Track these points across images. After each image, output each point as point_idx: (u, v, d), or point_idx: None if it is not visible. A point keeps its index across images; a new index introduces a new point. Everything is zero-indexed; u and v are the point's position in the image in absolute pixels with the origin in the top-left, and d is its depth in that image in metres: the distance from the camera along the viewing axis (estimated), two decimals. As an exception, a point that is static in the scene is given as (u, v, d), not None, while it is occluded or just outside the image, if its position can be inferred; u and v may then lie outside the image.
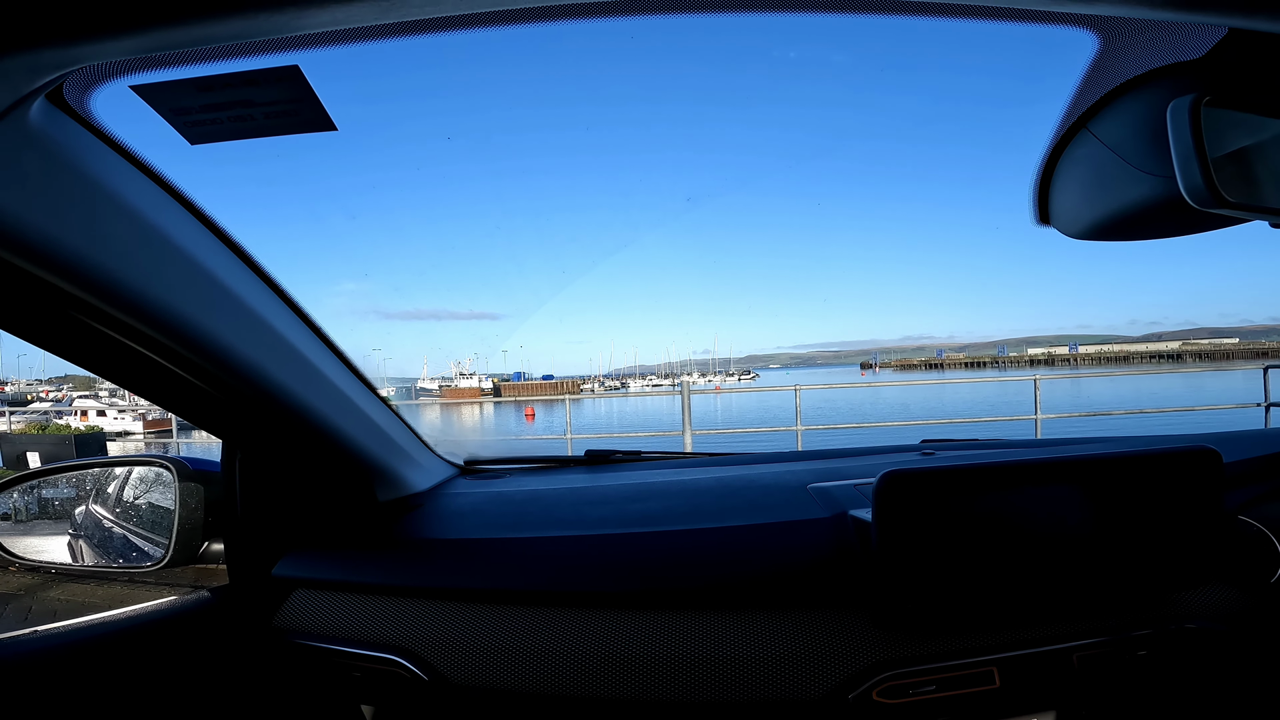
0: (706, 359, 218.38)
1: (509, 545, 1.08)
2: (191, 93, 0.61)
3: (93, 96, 0.60)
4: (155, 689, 0.94)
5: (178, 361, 0.78)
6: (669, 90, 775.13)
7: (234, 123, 0.65)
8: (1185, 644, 0.97)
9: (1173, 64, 0.67)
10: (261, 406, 0.91)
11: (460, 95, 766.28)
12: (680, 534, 1.07)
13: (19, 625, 0.89)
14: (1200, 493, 0.89)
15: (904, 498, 0.85)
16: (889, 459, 1.45)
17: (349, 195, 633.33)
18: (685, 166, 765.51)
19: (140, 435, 22.24)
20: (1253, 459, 1.15)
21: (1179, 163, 0.59)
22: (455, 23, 0.55)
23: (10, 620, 5.02)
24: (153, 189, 0.71)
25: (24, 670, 0.83)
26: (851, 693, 0.92)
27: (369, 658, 1.02)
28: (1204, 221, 0.72)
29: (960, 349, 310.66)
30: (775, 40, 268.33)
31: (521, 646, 0.98)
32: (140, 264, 0.68)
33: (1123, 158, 0.70)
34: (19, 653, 0.85)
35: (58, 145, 0.59)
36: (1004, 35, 0.73)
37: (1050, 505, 0.88)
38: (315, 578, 1.09)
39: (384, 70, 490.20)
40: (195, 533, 1.13)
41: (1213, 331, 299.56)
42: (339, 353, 1.03)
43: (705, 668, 0.95)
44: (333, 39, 0.55)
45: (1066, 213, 0.80)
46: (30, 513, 1.37)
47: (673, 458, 1.61)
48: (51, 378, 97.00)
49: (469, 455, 1.55)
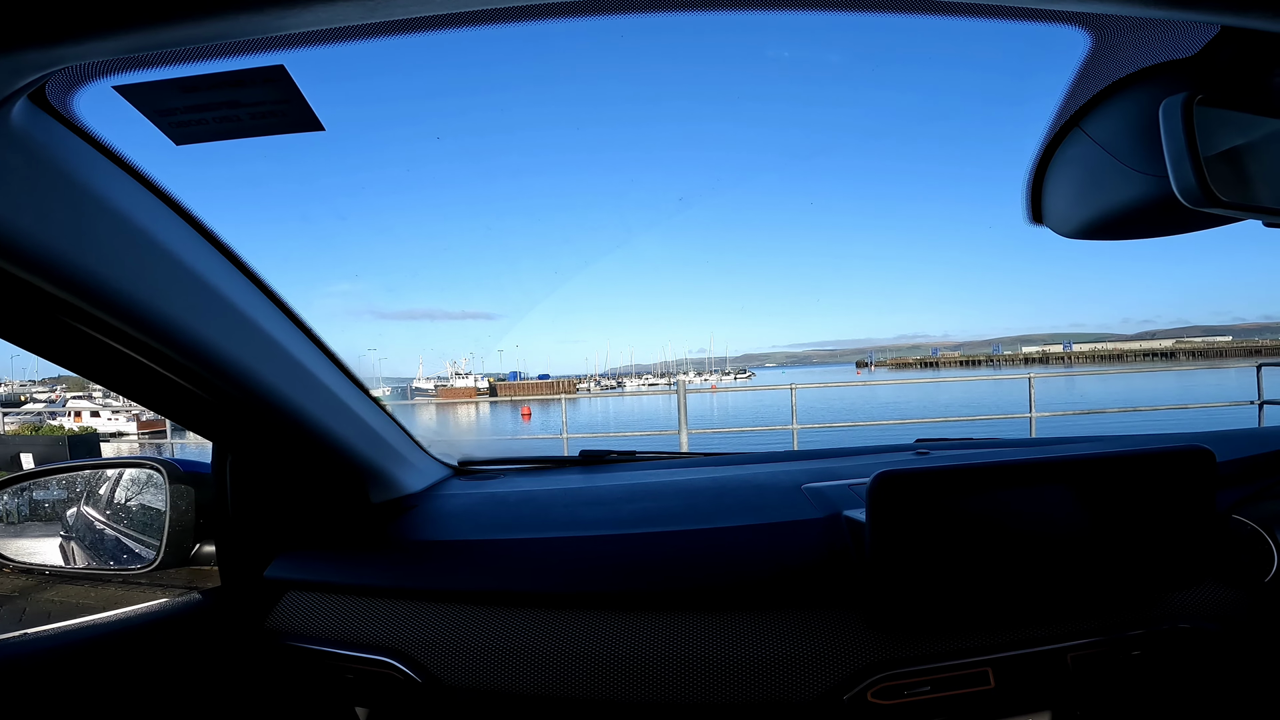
0: (702, 358, 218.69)
1: (503, 547, 1.08)
2: (176, 93, 0.60)
3: (76, 97, 0.59)
4: (147, 691, 0.94)
5: (166, 364, 0.78)
6: (661, 89, 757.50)
7: (220, 123, 0.64)
8: (1179, 644, 0.97)
9: (1165, 62, 0.67)
10: (251, 409, 0.90)
11: (449, 95, 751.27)
12: (675, 535, 1.06)
13: (13, 627, 0.89)
14: (1194, 492, 0.89)
15: (898, 498, 0.85)
16: (883, 459, 1.45)
17: (339, 196, 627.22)
18: (678, 166, 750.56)
19: (134, 436, 22.19)
20: (1246, 458, 1.15)
21: (1171, 162, 0.59)
22: (442, 22, 0.54)
23: (4, 622, 5.00)
24: (139, 190, 0.70)
25: (16, 672, 0.83)
26: (846, 694, 0.92)
27: (362, 660, 1.02)
28: (1196, 220, 0.72)
29: (955, 348, 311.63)
30: (768, 39, 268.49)
31: (515, 648, 0.98)
32: (126, 266, 0.67)
33: (1115, 156, 0.69)
34: (11, 655, 0.84)
35: (41, 146, 0.58)
36: (996, 33, 0.73)
37: (1044, 505, 0.88)
38: (307, 579, 1.08)
39: (372, 70, 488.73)
40: (186, 535, 1.13)
41: (1206, 330, 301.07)
42: (330, 353, 1.02)
43: (700, 669, 0.94)
44: (319, 39, 0.54)
45: (1059, 212, 0.80)
46: (22, 515, 1.36)
47: (668, 458, 1.61)
48: (45, 379, 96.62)
49: (463, 456, 1.54)
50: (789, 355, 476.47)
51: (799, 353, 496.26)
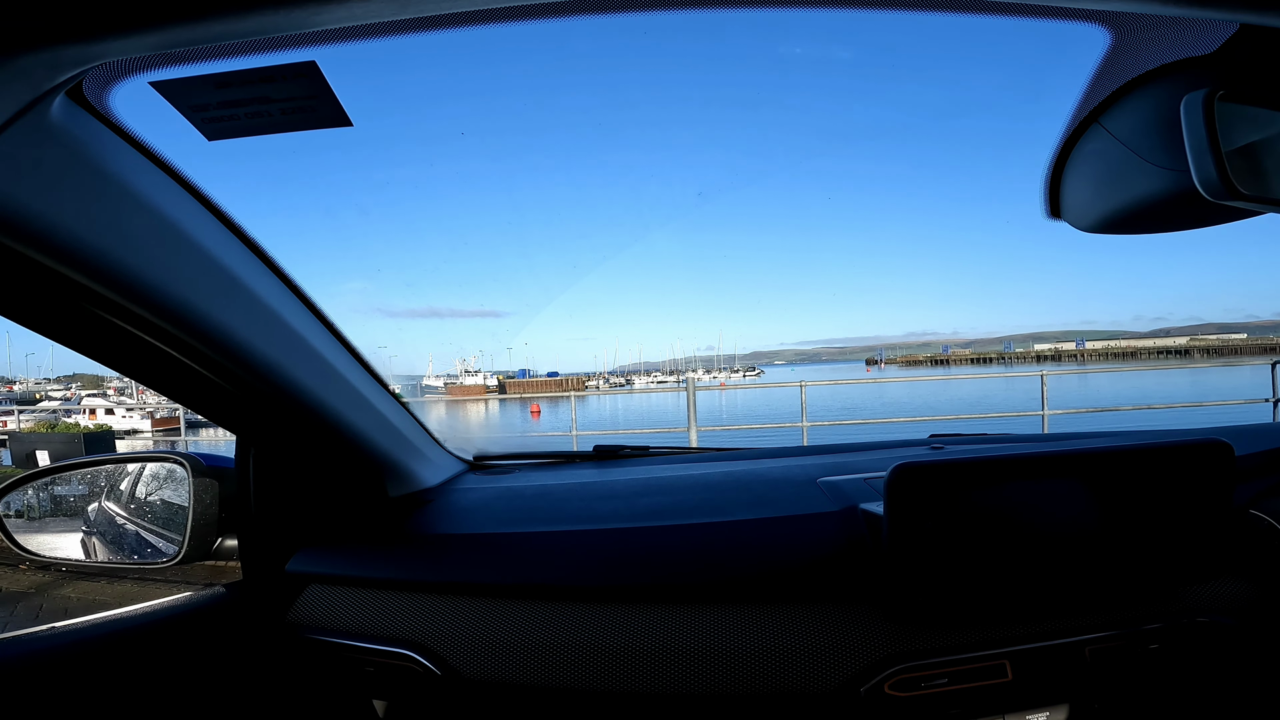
0: (711, 355, 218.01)
1: (520, 540, 1.09)
2: (210, 89, 0.61)
3: (110, 93, 0.60)
4: (173, 683, 0.95)
5: (195, 357, 0.79)
6: (673, 89, 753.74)
7: (251, 119, 0.65)
8: (1196, 637, 0.97)
9: (1185, 59, 0.67)
10: (276, 402, 0.92)
11: (472, 94, 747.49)
12: (690, 528, 1.07)
13: (30, 623, 0.90)
14: (1212, 485, 0.89)
15: (916, 490, 0.85)
16: (897, 453, 1.45)
17: (356, 191, 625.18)
18: (690, 163, 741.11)
19: (148, 433, 22.34)
20: (1263, 452, 1.14)
21: (1193, 156, 0.59)
22: (469, 19, 0.55)
23: (21, 618, 5.06)
24: (170, 185, 0.71)
25: (45, 666, 0.84)
26: (863, 685, 0.92)
27: (383, 652, 1.03)
28: (1215, 214, 0.72)
29: (966, 345, 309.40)
30: (785, 36, 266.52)
31: (534, 640, 0.99)
32: (159, 260, 0.69)
33: (1135, 151, 0.70)
34: (40, 649, 0.85)
35: (78, 141, 0.59)
36: (1014, 30, 0.73)
37: (1062, 499, 0.88)
38: (328, 573, 1.09)
39: (395, 67, 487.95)
40: (209, 529, 1.14)
41: (1221, 327, 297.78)
42: (351, 348, 1.03)
43: (716, 661, 0.95)
44: (349, 35, 0.55)
45: (1077, 206, 0.80)
46: (44, 510, 1.38)
47: (681, 453, 1.61)
48: (60, 377, 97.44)
49: (477, 451, 1.56)
50: (798, 353, 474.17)
51: (808, 350, 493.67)
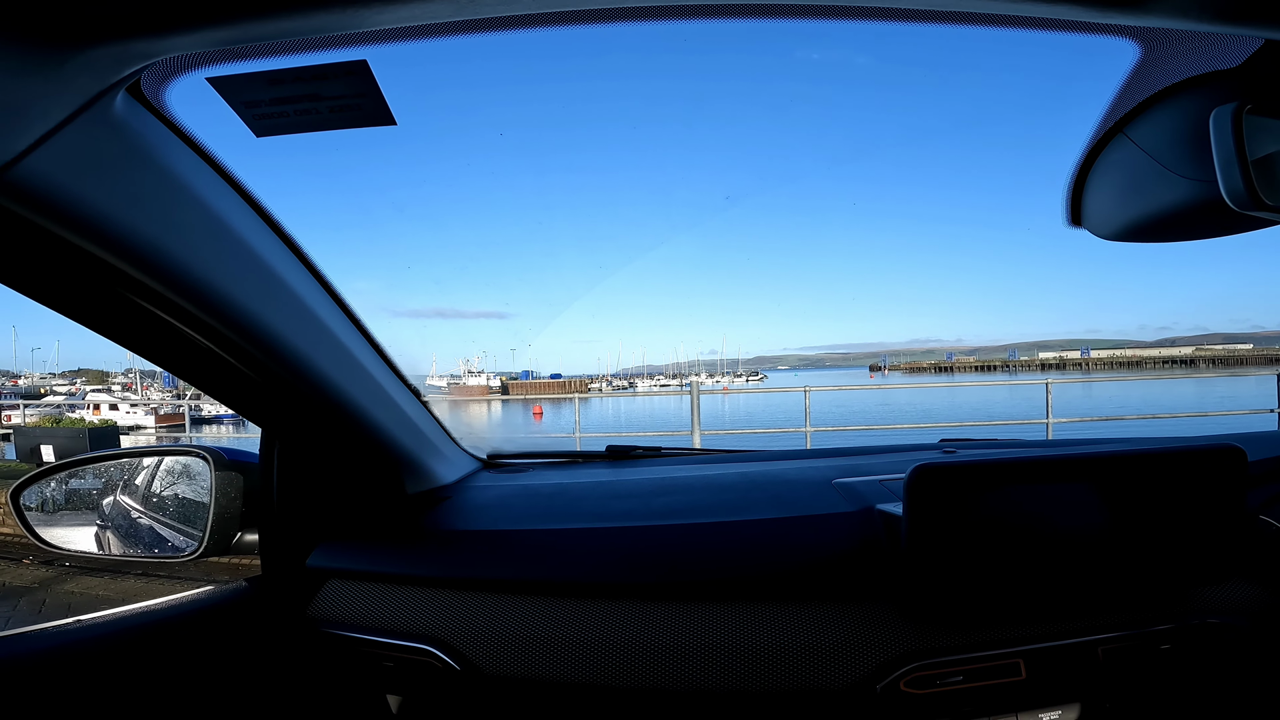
0: (715, 360, 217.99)
1: (536, 537, 1.10)
2: (263, 86, 0.62)
3: (165, 89, 0.62)
4: (198, 676, 0.96)
5: (230, 349, 0.81)
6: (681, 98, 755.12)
7: (300, 115, 0.66)
8: (1209, 639, 0.97)
9: (1211, 73, 0.68)
10: (304, 395, 0.93)
11: (509, 99, 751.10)
12: (705, 527, 1.08)
13: (33, 619, 0.90)
14: (1225, 490, 0.90)
15: (935, 491, 0.86)
16: (910, 457, 1.45)
17: (356, 192, 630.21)
18: (706, 170, 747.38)
19: (152, 429, 22.39)
20: (1273, 459, 1.15)
21: (1221, 167, 0.61)
22: (522, 21, 0.56)
23: (24, 613, 5.08)
24: (217, 180, 0.73)
25: (70, 660, 0.85)
26: (879, 683, 0.93)
27: (402, 648, 1.04)
28: (1237, 223, 0.74)
29: (970, 352, 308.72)
30: (797, 43, 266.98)
31: (553, 636, 1.00)
32: (205, 254, 0.70)
33: (1159, 161, 0.71)
34: (62, 642, 0.86)
35: (136, 136, 0.61)
36: (1039, 42, 0.73)
37: (1077, 501, 0.89)
38: (348, 568, 1.10)
39: (432, 67, 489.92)
40: (231, 523, 1.14)
41: (1226, 337, 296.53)
42: (375, 344, 1.05)
43: (732, 657, 0.96)
44: (401, 35, 0.56)
45: (1099, 214, 0.81)
46: (59, 504, 1.39)
47: (693, 454, 1.62)
48: (64, 371, 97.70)
49: (491, 450, 1.57)
50: (801, 358, 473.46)
51: (811, 355, 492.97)
